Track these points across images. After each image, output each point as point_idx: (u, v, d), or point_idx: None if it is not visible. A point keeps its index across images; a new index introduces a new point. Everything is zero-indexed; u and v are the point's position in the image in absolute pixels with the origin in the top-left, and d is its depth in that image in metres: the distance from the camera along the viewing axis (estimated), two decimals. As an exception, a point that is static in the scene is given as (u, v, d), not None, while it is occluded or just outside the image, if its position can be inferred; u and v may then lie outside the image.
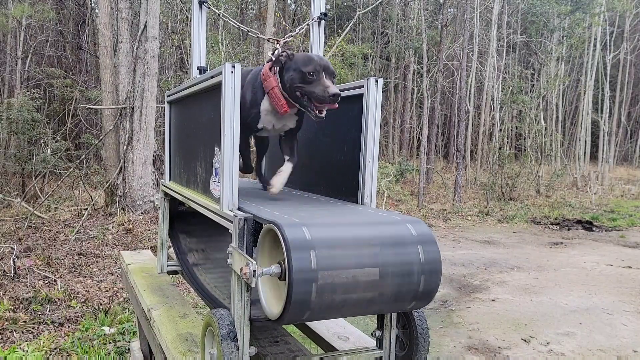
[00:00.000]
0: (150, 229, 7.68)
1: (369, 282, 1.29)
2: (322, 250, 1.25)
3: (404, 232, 1.38)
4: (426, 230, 1.41)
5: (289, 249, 1.21)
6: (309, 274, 1.21)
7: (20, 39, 13.38)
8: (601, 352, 4.19)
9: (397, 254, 1.34)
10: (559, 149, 18.47)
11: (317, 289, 1.22)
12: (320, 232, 1.28)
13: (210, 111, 1.69)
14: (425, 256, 1.36)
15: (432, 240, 1.39)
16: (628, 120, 26.33)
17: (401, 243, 1.36)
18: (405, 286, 1.34)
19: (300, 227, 1.27)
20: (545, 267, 7.00)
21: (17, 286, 5.05)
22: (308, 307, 1.24)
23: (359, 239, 1.32)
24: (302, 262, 1.21)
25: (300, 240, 1.23)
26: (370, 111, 1.70)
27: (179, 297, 2.33)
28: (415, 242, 1.37)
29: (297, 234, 1.24)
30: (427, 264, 1.36)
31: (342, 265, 1.26)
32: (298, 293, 1.20)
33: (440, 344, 4.29)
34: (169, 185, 2.28)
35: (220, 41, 13.35)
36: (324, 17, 2.14)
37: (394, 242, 1.35)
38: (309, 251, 1.23)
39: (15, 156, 10.77)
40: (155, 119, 9.38)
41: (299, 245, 1.23)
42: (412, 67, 19.04)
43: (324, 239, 1.27)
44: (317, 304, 1.24)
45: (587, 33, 17.91)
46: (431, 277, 1.37)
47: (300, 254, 1.21)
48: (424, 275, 1.36)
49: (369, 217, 1.45)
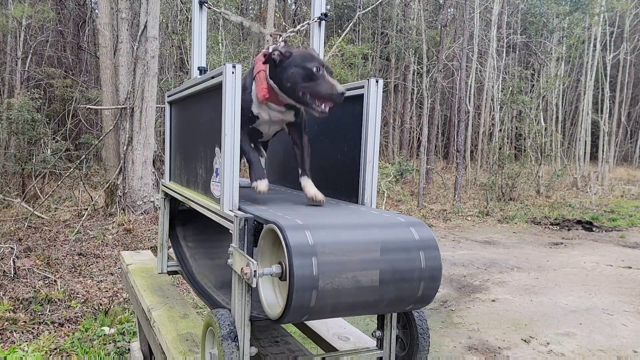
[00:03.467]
0: (150, 229, 7.68)
1: (369, 286, 1.30)
2: (324, 254, 1.24)
3: (407, 236, 1.38)
4: (429, 235, 1.40)
5: (290, 253, 1.21)
6: (310, 278, 1.21)
7: (20, 39, 13.38)
8: (601, 352, 4.19)
9: (399, 259, 1.33)
10: (559, 149, 18.47)
11: (317, 292, 1.22)
12: (323, 235, 1.28)
13: (210, 111, 1.69)
14: (426, 262, 1.36)
15: (434, 245, 1.39)
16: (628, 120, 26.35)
17: (404, 248, 1.35)
18: (404, 290, 1.35)
19: (303, 231, 1.26)
20: (545, 267, 7.00)
21: (17, 286, 5.05)
22: (308, 308, 1.24)
23: (362, 242, 1.31)
24: (304, 266, 1.21)
25: (302, 244, 1.23)
26: (371, 111, 1.70)
27: (179, 297, 2.33)
28: (418, 247, 1.37)
29: (299, 238, 1.24)
30: (428, 269, 1.36)
31: (344, 268, 1.26)
32: (299, 296, 1.20)
33: (440, 344, 4.29)
34: (169, 185, 2.28)
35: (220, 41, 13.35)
36: (324, 18, 2.14)
37: (397, 247, 1.35)
38: (311, 256, 1.22)
39: (15, 156, 10.77)
40: (155, 119, 9.38)
41: (301, 249, 1.22)
42: (412, 67, 19.05)
43: (326, 243, 1.26)
44: (317, 305, 1.24)
45: (587, 33, 17.91)
46: (431, 282, 1.37)
47: (302, 259, 1.21)
48: (424, 281, 1.36)
49: (372, 219, 1.45)
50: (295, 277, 1.19)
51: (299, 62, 1.61)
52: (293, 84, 1.62)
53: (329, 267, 1.24)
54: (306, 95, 1.61)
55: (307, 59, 1.61)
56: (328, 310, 1.28)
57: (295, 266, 1.20)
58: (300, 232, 1.25)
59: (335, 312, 1.31)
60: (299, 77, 1.60)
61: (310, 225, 1.30)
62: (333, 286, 1.24)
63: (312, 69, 1.59)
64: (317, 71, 1.59)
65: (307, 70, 1.59)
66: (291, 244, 1.22)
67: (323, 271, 1.23)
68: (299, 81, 1.60)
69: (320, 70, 1.60)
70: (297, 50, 1.67)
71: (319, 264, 1.22)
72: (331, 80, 1.60)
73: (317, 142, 2.04)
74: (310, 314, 1.26)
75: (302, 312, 1.24)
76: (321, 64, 1.61)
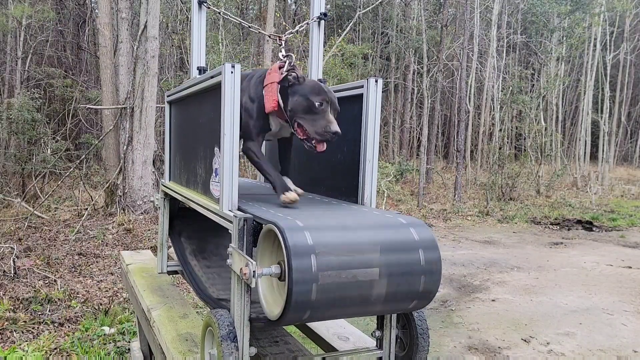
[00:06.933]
0: (150, 229, 7.68)
1: (369, 286, 1.29)
2: (323, 255, 1.24)
3: (407, 236, 1.38)
4: (429, 236, 1.40)
5: (290, 254, 1.21)
6: (310, 279, 1.21)
7: (20, 39, 13.38)
8: (601, 352, 4.19)
9: (399, 259, 1.33)
10: (559, 149, 18.47)
11: (316, 294, 1.22)
12: (322, 236, 1.27)
13: (210, 111, 1.69)
14: (426, 262, 1.36)
15: (434, 246, 1.39)
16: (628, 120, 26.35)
17: (404, 249, 1.35)
18: (404, 290, 1.35)
19: (302, 232, 1.26)
20: (545, 267, 7.00)
21: (17, 286, 5.05)
22: (307, 309, 1.24)
23: (361, 243, 1.31)
24: (303, 267, 1.21)
25: (301, 245, 1.23)
26: (370, 111, 1.70)
27: (179, 297, 2.33)
28: (417, 247, 1.37)
29: (298, 239, 1.24)
30: (428, 270, 1.36)
31: (343, 268, 1.26)
32: (298, 297, 1.20)
33: (440, 344, 4.29)
34: (169, 185, 2.28)
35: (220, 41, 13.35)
36: (324, 17, 2.14)
37: (397, 247, 1.35)
38: (310, 256, 1.22)
39: (15, 156, 10.77)
40: (155, 119, 9.38)
41: (301, 250, 1.22)
42: (412, 67, 19.04)
43: (325, 244, 1.26)
44: (316, 306, 1.24)
45: (587, 33, 17.90)
46: (430, 281, 1.37)
47: (301, 260, 1.21)
48: (424, 280, 1.36)
49: (372, 220, 1.44)
50: (294, 277, 1.19)
51: (307, 92, 1.61)
52: (292, 112, 1.62)
53: (328, 267, 1.24)
54: (300, 128, 1.61)
55: (314, 92, 1.60)
56: (328, 311, 1.28)
57: (295, 265, 1.20)
58: (299, 233, 1.25)
59: (335, 313, 1.31)
60: (300, 108, 1.60)
61: (310, 226, 1.30)
62: (333, 286, 1.24)
63: (315, 102, 1.58)
64: (319, 106, 1.58)
65: (309, 102, 1.59)
66: (290, 244, 1.21)
67: (322, 271, 1.22)
68: (299, 111, 1.61)
69: (322, 105, 1.58)
70: (310, 81, 1.67)
71: (318, 264, 1.22)
72: (329, 118, 1.58)
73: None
74: (309, 314, 1.25)
75: (301, 312, 1.23)
76: (326, 100, 1.60)
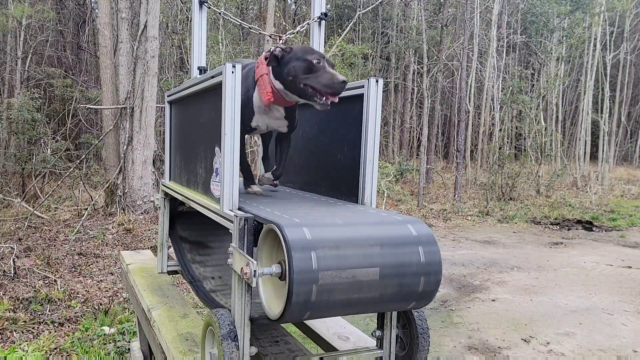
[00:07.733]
0: (150, 229, 7.68)
1: (369, 282, 1.29)
2: (323, 251, 1.24)
3: (405, 232, 1.38)
4: (427, 231, 1.41)
5: (289, 250, 1.21)
6: (310, 275, 1.21)
7: (20, 39, 13.37)
8: (601, 352, 4.19)
9: (398, 255, 1.34)
10: (559, 149, 18.47)
11: (317, 290, 1.22)
12: (321, 232, 1.28)
13: (210, 111, 1.69)
14: (425, 257, 1.36)
15: (432, 240, 1.39)
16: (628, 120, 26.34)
17: (401, 244, 1.36)
18: (405, 287, 1.34)
19: (301, 228, 1.27)
20: (545, 267, 7.00)
21: (17, 286, 5.05)
22: (308, 307, 1.24)
23: (360, 239, 1.32)
24: (303, 263, 1.21)
25: (301, 241, 1.23)
26: (371, 111, 1.70)
27: (179, 297, 2.33)
28: (416, 242, 1.37)
29: (297, 235, 1.24)
30: (428, 264, 1.36)
31: (343, 265, 1.26)
32: (298, 293, 1.20)
33: (440, 344, 4.29)
34: (169, 185, 2.28)
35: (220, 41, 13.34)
36: (324, 17, 2.14)
37: (395, 242, 1.35)
38: (310, 252, 1.23)
39: (15, 156, 10.77)
40: (155, 119, 9.38)
41: (300, 246, 1.22)
42: (412, 67, 19.04)
43: (324, 240, 1.27)
44: (317, 303, 1.24)
45: (587, 33, 17.90)
46: (431, 278, 1.37)
47: (301, 255, 1.21)
48: (424, 276, 1.36)
49: (370, 218, 1.45)
50: (294, 272, 1.19)
51: (300, 55, 1.65)
52: (294, 76, 1.65)
53: (328, 262, 1.24)
54: (307, 88, 1.64)
55: (307, 52, 1.66)
56: (329, 307, 1.28)
57: (295, 260, 1.20)
58: (298, 229, 1.26)
59: (336, 310, 1.31)
60: (299, 70, 1.64)
61: (309, 222, 1.31)
62: (333, 280, 1.24)
63: (312, 60, 1.63)
64: (317, 63, 1.63)
65: (307, 62, 1.63)
66: (290, 240, 1.22)
67: (322, 265, 1.23)
68: (300, 73, 1.64)
69: (320, 62, 1.63)
70: (299, 46, 1.72)
71: (318, 258, 1.23)
72: (331, 71, 1.63)
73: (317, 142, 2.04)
74: (310, 310, 1.25)
75: (302, 309, 1.23)
76: (322, 56, 1.65)
